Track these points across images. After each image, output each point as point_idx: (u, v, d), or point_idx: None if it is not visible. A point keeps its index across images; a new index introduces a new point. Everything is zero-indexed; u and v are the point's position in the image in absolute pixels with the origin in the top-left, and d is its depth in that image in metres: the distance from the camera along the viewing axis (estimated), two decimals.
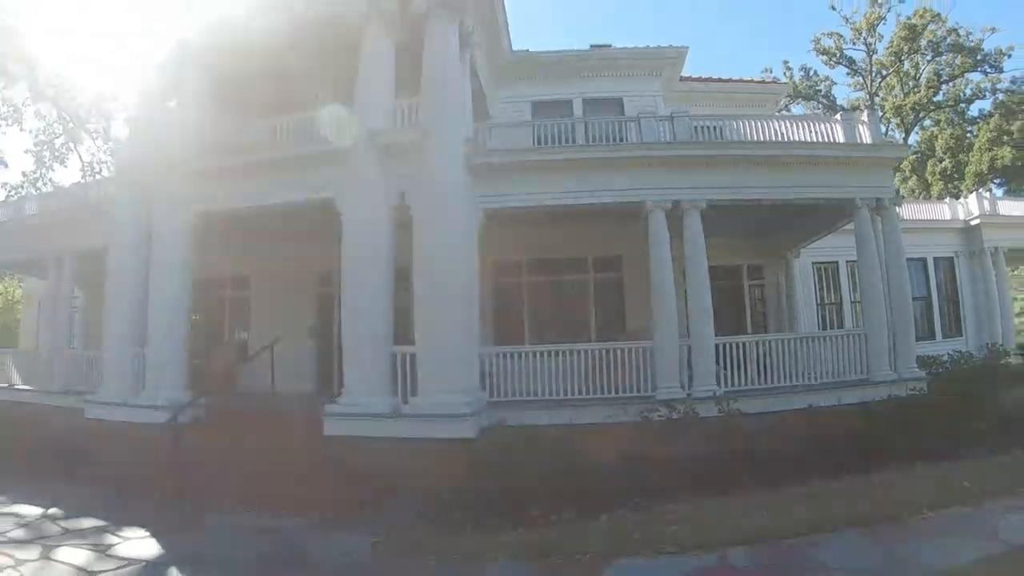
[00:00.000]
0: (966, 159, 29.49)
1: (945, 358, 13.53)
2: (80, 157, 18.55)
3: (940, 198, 28.17)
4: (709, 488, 6.44)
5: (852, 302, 14.80)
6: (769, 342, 9.33)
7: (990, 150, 28.70)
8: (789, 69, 31.96)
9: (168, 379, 8.68)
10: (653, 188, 8.78)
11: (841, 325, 14.63)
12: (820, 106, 32.24)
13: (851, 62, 32.08)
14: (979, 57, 30.43)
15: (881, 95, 31.88)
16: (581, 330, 11.79)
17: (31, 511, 6.49)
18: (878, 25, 30.71)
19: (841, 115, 10.30)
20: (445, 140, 7.99)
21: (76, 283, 14.87)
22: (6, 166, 17.93)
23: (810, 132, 9.68)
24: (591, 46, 16.17)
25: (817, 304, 14.83)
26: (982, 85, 31.29)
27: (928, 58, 31.02)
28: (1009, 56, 30.10)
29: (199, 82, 9.55)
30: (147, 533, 5.74)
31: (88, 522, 6.11)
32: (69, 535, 5.74)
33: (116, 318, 9.28)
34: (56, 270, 11.67)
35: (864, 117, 9.94)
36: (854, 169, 9.30)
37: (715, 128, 9.66)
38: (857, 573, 4.18)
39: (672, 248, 9.03)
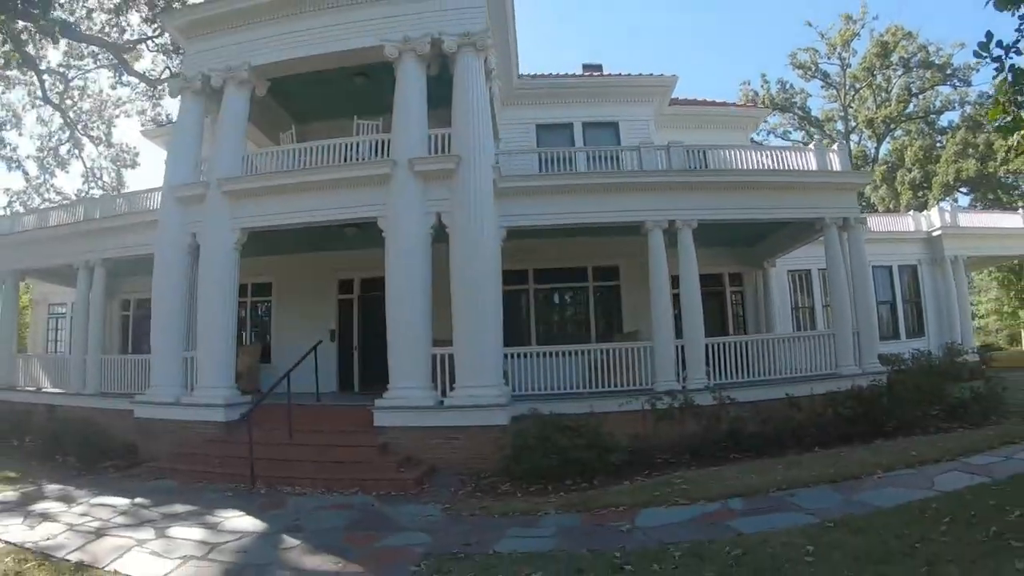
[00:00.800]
0: (934, 170, 32.16)
1: (907, 356, 15.65)
2: (84, 163, 19.50)
3: (908, 207, 30.82)
4: (706, 460, 8.19)
5: (823, 306, 16.80)
6: (749, 342, 11.15)
7: (956, 162, 31.40)
8: (766, 82, 34.49)
9: (221, 379, 10.03)
10: (652, 210, 10.54)
11: (814, 326, 16.63)
12: (795, 117, 34.74)
13: (826, 76, 34.66)
14: (948, 72, 33.22)
15: (854, 107, 34.49)
16: (583, 332, 13.50)
17: (119, 501, 7.47)
18: (852, 41, 33.30)
19: (814, 145, 12.22)
20: (477, 167, 9.60)
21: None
22: (26, 172, 18.75)
23: (787, 160, 11.55)
24: (583, 66, 18.03)
25: (792, 308, 16.80)
26: (951, 98, 34.11)
27: (899, 73, 33.67)
28: (977, 71, 33.00)
29: (241, 103, 10.95)
30: (241, 513, 6.94)
31: (179, 508, 7.16)
32: (169, 518, 6.73)
33: (163, 323, 10.56)
34: (86, 276, 12.80)
35: (835, 147, 11.91)
36: (824, 192, 11.22)
37: (702, 154, 11.44)
38: (823, 511, 5.86)
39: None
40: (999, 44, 4.76)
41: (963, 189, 33.37)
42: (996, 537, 4.77)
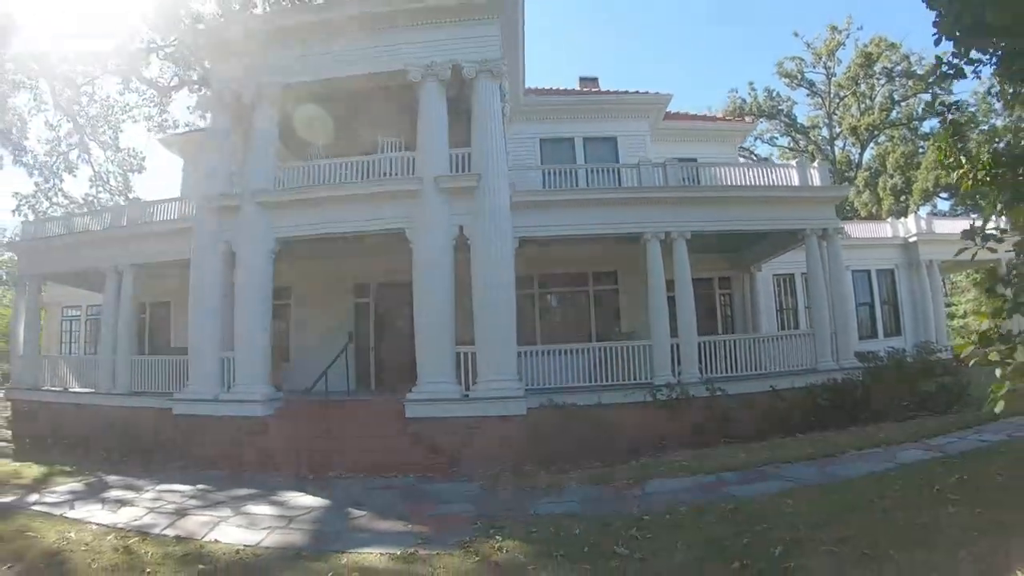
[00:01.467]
0: (915, 176, 34.07)
1: (883, 353, 17.23)
2: (92, 167, 20.40)
3: (890, 212, 32.68)
4: (700, 443, 9.62)
5: (805, 307, 18.35)
6: (737, 341, 12.62)
7: (935, 169, 33.25)
8: (754, 90, 36.30)
9: (258, 377, 11.24)
10: (651, 222, 12.00)
11: (796, 326, 18.18)
12: (782, 124, 36.55)
13: (811, 84, 36.53)
14: (931, 80, 35.10)
15: (839, 114, 36.39)
16: (584, 332, 14.87)
17: (183, 487, 8.61)
18: (837, 51, 35.17)
19: (796, 162, 13.72)
20: (495, 184, 10.98)
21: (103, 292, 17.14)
22: (43, 176, 19.47)
23: (771, 176, 13.06)
24: (580, 79, 19.51)
25: (777, 309, 18.35)
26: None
27: (883, 82, 35.57)
28: (957, 80, 34.89)
29: (271, 119, 12.17)
30: (300, 493, 8.15)
31: (241, 491, 8.34)
32: (238, 500, 7.89)
33: (199, 325, 11.72)
34: (115, 281, 13.88)
35: (815, 164, 13.45)
36: (805, 205, 12.73)
37: (695, 170, 12.91)
38: (801, 479, 7.27)
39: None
40: (942, 104, 6.25)
41: (943, 195, 35.33)
42: (938, 493, 6.20)
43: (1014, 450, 7.89)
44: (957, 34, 4.85)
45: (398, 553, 5.54)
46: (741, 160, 29.54)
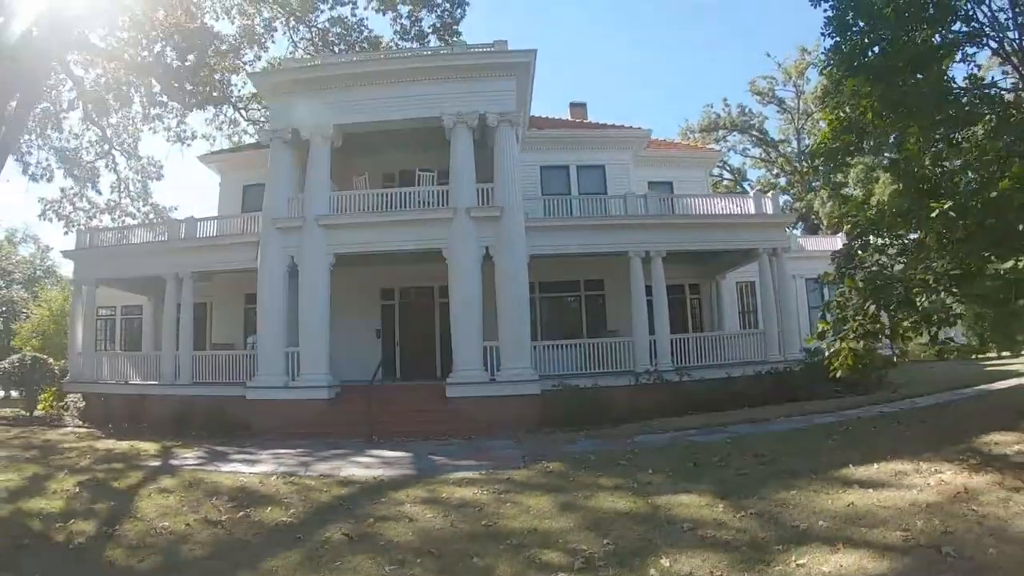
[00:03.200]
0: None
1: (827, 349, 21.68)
2: (117, 174, 23.31)
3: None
4: (672, 414, 13.70)
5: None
6: (703, 337, 16.81)
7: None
8: (728, 106, 40.88)
9: (321, 367, 14.94)
10: (634, 243, 16.10)
11: (756, 326, 22.43)
12: (753, 138, 41.21)
13: (781, 101, 41.25)
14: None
15: (807, 129, 41.17)
16: (576, 330, 18.86)
17: (287, 451, 11.83)
18: (806, 71, 39.93)
19: (753, 194, 17.98)
20: (513, 213, 14.94)
21: (145, 295, 20.57)
22: (91, 184, 22.18)
23: (733, 206, 17.27)
24: (570, 104, 23.64)
25: (739, 311, 22.63)
26: None
27: None
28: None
29: (326, 153, 15.84)
30: (384, 450, 11.75)
31: (336, 451, 11.71)
32: (339, 456, 11.10)
33: (268, 325, 15.35)
34: (175, 286, 17.30)
35: (769, 195, 17.69)
36: (759, 229, 16.94)
37: (671, 200, 17.05)
38: (741, 433, 11.31)
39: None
40: (835, 186, 10.37)
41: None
42: (827, 436, 10.31)
43: (896, 415, 12.14)
44: None
45: (482, 473, 9.32)
46: (715, 171, 34.16)
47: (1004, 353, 29.87)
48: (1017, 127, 7.20)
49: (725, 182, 42.22)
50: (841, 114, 8.79)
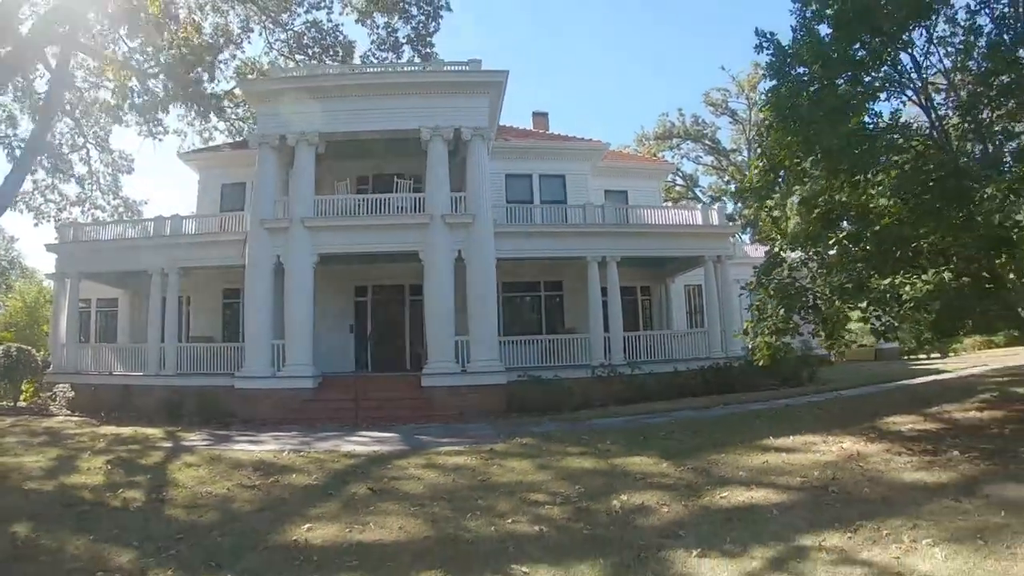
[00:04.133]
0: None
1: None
2: (90, 166, 23.91)
3: None
4: (624, 402, 15.69)
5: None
6: (652, 335, 18.90)
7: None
8: (682, 115, 43.43)
9: (305, 358, 16.39)
10: (591, 249, 18.08)
11: (702, 326, 24.71)
12: (705, 147, 43.90)
13: (734, 113, 44.05)
14: None
15: (758, 139, 43.98)
16: (537, 327, 20.74)
17: (285, 434, 13.28)
18: (759, 84, 42.60)
19: (701, 206, 20.17)
20: (483, 221, 16.70)
21: (121, 288, 21.59)
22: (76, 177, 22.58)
23: (681, 216, 19.39)
24: (533, 113, 25.56)
25: (687, 311, 24.86)
26: None
27: None
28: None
29: (311, 158, 17.26)
30: (373, 432, 13.25)
31: (329, 434, 13.14)
32: (333, 438, 12.52)
33: (255, 320, 16.71)
34: (160, 281, 18.45)
35: (715, 207, 19.88)
36: (704, 239, 19.10)
37: (626, 210, 19.07)
38: (683, 417, 13.33)
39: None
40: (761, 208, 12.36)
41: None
42: (755, 419, 12.38)
43: (819, 403, 14.39)
44: None
45: (467, 447, 11.05)
46: (668, 177, 36.61)
47: (934, 355, 33.32)
48: (912, 176, 9.30)
49: (678, 187, 44.81)
50: (764, 160, 10.89)
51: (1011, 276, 8.96)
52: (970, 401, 13.21)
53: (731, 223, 22.21)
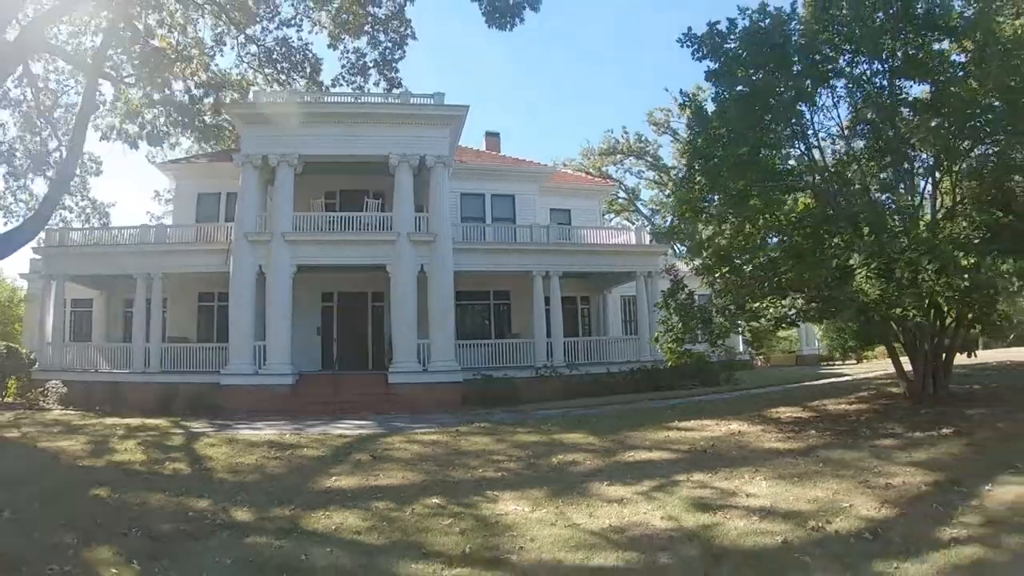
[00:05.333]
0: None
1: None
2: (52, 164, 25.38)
3: None
4: (564, 398, 18.89)
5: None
6: (590, 340, 22.17)
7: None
8: (627, 133, 47.10)
9: (284, 358, 18.98)
10: (536, 265, 21.24)
11: (635, 333, 28.16)
12: (647, 164, 47.69)
13: (675, 132, 47.92)
14: None
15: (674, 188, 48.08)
16: (487, 332, 23.75)
17: (277, 422, 16.01)
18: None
19: (635, 228, 23.56)
20: (445, 238, 19.67)
21: (97, 290, 23.63)
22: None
23: (616, 237, 22.71)
24: (486, 133, 28.50)
25: (622, 320, 28.27)
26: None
27: None
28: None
29: (290, 178, 19.84)
30: (351, 420, 16.10)
31: (315, 422, 15.79)
32: (320, 424, 15.43)
33: (238, 323, 19.17)
34: (145, 284, 20.66)
35: (648, 228, 23.27)
36: (637, 257, 22.48)
37: (568, 230, 22.29)
38: (613, 410, 16.51)
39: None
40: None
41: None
42: (669, 410, 15.67)
43: (726, 399, 17.81)
44: None
45: (436, 429, 13.90)
46: (612, 191, 40.28)
47: (849, 360, 37.72)
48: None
49: (621, 200, 48.47)
50: (677, 206, 14.23)
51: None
52: (848, 397, 16.76)
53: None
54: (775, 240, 13.89)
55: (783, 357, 37.37)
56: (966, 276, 9.72)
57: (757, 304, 12.10)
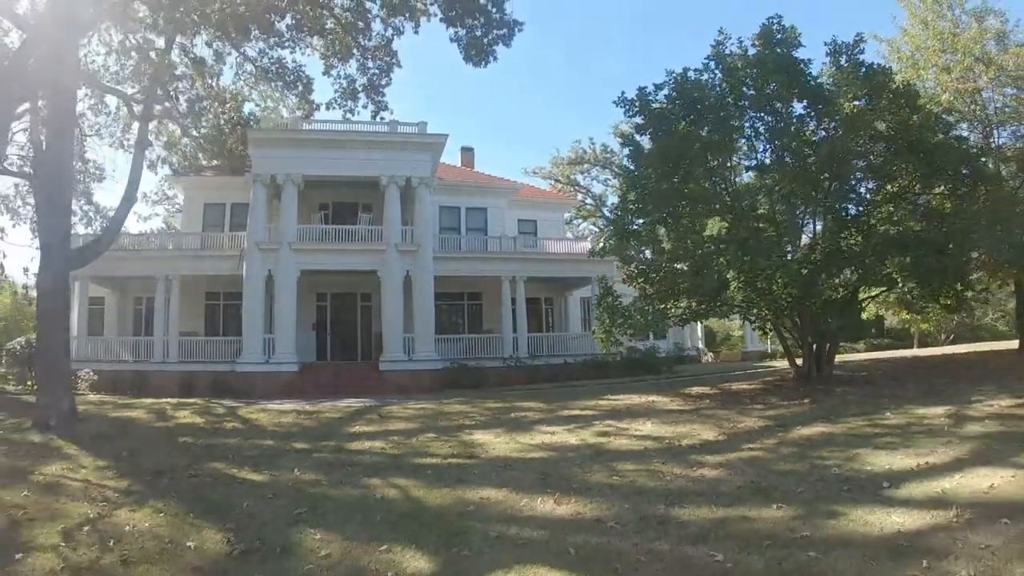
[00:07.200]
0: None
1: (642, 348, 32.48)
2: None
3: None
4: (528, 383, 23.58)
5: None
6: (553, 336, 26.92)
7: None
8: (593, 144, 51.85)
9: (289, 348, 23.35)
10: (505, 271, 25.95)
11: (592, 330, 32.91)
12: (612, 173, 52.46)
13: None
14: None
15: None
16: (462, 328, 28.35)
17: (290, 401, 20.76)
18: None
19: (591, 238, 28.24)
20: (427, 248, 24.33)
21: (108, 288, 27.72)
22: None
23: (575, 246, 27.46)
24: (461, 148, 33.09)
25: (581, 319, 32.95)
26: None
27: None
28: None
29: (294, 194, 24.21)
30: (353, 398, 20.60)
31: (323, 399, 20.77)
32: (325, 400, 20.26)
33: (250, 319, 23.48)
34: (164, 285, 24.86)
35: (602, 239, 28.01)
36: (594, 264, 27.08)
37: (534, 241, 26.99)
38: (568, 389, 21.15)
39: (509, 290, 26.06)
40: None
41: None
42: (608, 387, 20.38)
43: (659, 383, 22.53)
44: None
45: (424, 402, 18.39)
46: (579, 196, 45.25)
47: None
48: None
49: (588, 206, 53.19)
50: (613, 227, 19.04)
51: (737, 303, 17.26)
52: (754, 381, 21.55)
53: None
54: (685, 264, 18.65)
55: (730, 354, 42.71)
56: (802, 287, 14.56)
57: (663, 305, 16.90)
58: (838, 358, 32.36)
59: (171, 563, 5.93)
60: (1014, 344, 27.38)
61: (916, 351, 37.07)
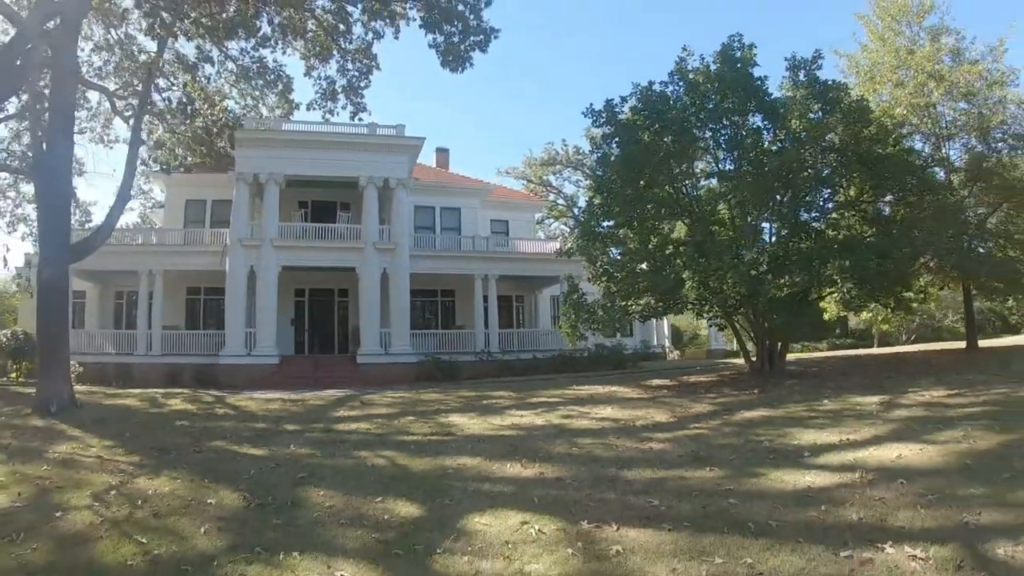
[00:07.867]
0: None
1: (609, 344, 33.95)
2: None
3: None
4: (499, 376, 24.89)
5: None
6: (523, 332, 28.24)
7: None
8: (566, 146, 53.26)
9: (270, 341, 24.36)
10: (478, 269, 27.21)
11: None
12: (584, 174, 53.90)
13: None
14: None
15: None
16: (436, 324, 29.54)
17: (274, 392, 21.80)
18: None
19: (559, 239, 29.58)
20: (403, 247, 25.51)
21: (91, 282, 28.45)
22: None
23: (543, 247, 28.79)
24: (436, 149, 34.26)
25: (551, 316, 34.26)
26: None
27: None
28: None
29: (276, 193, 25.20)
30: (334, 389, 21.75)
31: (304, 391, 21.78)
32: (305, 390, 21.35)
33: (233, 313, 24.44)
34: (147, 280, 25.66)
35: (570, 240, 29.37)
36: (562, 263, 28.38)
37: (506, 241, 28.27)
38: (539, 380, 22.46)
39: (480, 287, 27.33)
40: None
41: None
42: (577, 381, 21.75)
43: (624, 376, 23.94)
44: None
45: (401, 392, 19.59)
46: (551, 196, 46.65)
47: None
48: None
49: (560, 206, 54.58)
50: (581, 229, 20.40)
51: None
52: (711, 374, 23.07)
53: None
54: (645, 265, 20.04)
55: (696, 352, 44.45)
56: (750, 287, 16.02)
57: (625, 302, 18.32)
58: (797, 355, 34.40)
59: (198, 515, 7.04)
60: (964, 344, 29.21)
61: (873, 350, 39.03)
